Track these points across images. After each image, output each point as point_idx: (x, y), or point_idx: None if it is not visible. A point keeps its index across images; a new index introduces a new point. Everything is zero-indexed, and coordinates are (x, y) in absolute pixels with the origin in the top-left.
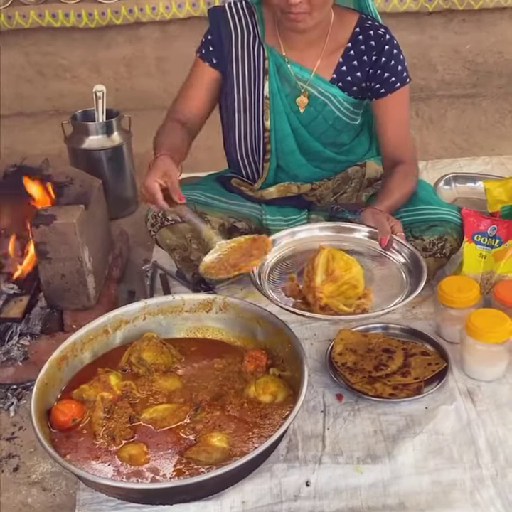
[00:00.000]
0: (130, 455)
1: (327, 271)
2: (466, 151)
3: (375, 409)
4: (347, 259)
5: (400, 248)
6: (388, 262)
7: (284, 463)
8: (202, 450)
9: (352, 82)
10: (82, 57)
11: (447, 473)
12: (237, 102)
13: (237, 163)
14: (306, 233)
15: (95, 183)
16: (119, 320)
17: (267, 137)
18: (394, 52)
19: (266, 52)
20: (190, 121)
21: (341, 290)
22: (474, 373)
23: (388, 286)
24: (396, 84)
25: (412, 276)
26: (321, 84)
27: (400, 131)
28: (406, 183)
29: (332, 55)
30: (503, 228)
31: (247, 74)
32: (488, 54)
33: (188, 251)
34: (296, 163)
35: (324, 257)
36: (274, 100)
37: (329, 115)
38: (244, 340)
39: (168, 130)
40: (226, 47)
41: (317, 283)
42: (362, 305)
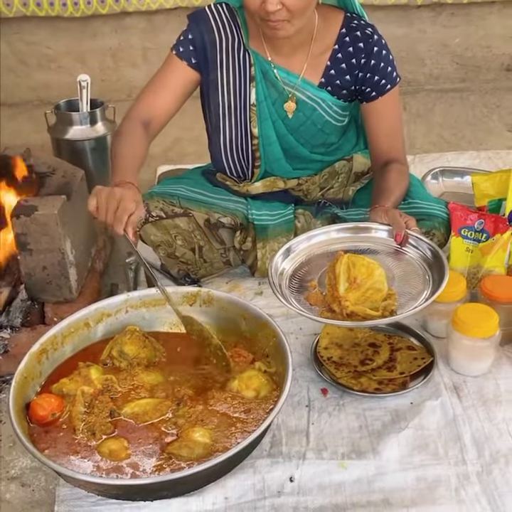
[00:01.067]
0: (110, 450)
1: (349, 278)
2: (454, 145)
3: (360, 404)
4: (368, 264)
5: (417, 243)
6: (408, 258)
7: (267, 458)
8: (184, 445)
9: (341, 85)
10: (67, 47)
11: (432, 470)
12: (222, 108)
13: (222, 166)
14: (323, 236)
15: (78, 173)
16: (101, 313)
17: (256, 144)
18: (383, 53)
19: (252, 58)
20: (155, 120)
21: (366, 296)
22: (460, 368)
23: (411, 283)
24: (387, 87)
25: (433, 271)
26: (309, 89)
27: (393, 133)
28: (402, 181)
29: (319, 58)
30: (490, 222)
31: (232, 81)
32: (477, 48)
33: (172, 247)
34: (282, 169)
35: (345, 264)
36: (260, 107)
37: (318, 119)
38: (228, 334)
39: (131, 138)
40: (210, 52)
41: (341, 292)
42: (388, 306)
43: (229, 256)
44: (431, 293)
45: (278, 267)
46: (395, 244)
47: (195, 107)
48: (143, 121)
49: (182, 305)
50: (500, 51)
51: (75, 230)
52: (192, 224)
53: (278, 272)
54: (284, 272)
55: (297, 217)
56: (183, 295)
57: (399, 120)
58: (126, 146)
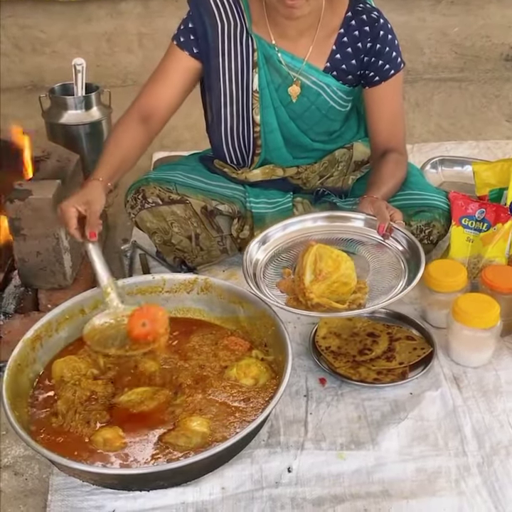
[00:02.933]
0: (105, 439)
1: (315, 270)
2: (453, 135)
3: (359, 394)
4: (335, 257)
5: (399, 237)
6: (388, 251)
7: (265, 448)
8: (181, 434)
9: (347, 70)
10: (62, 31)
11: (432, 461)
12: (224, 95)
13: (222, 153)
14: (298, 225)
15: (73, 157)
16: (96, 300)
17: (258, 132)
18: (389, 37)
19: (254, 43)
20: (157, 113)
21: (332, 289)
22: (460, 359)
23: (387, 276)
24: (390, 72)
25: (410, 266)
26: (314, 74)
27: (394, 121)
28: (398, 172)
29: (324, 43)
30: (492, 212)
31: (234, 67)
32: (476, 38)
33: (169, 234)
34: (282, 158)
35: (312, 255)
36: (262, 93)
37: (323, 105)
38: (226, 322)
39: (122, 134)
40: (211, 39)
41: (306, 283)
42: (357, 300)
43: (226, 244)
44: (403, 288)
45: (253, 255)
46: (377, 235)
47: (192, 93)
48: (144, 114)
49: (179, 292)
50: (500, 41)
51: None
52: (189, 211)
53: (253, 261)
54: (260, 260)
55: (295, 206)
56: (180, 282)
57: (400, 108)
58: (112, 144)
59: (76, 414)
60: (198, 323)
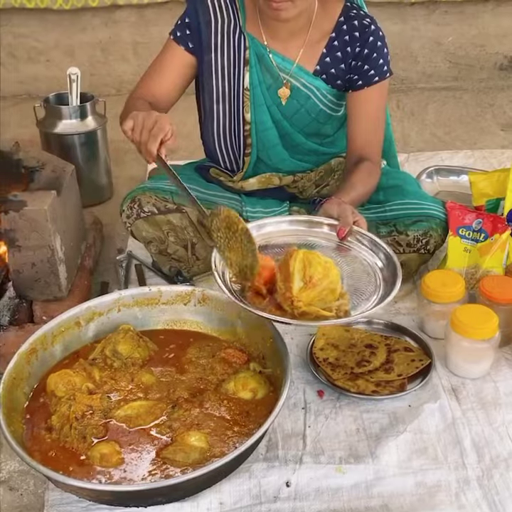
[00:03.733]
0: (101, 454)
1: (304, 277)
2: (448, 144)
3: (358, 406)
4: (324, 263)
5: (364, 241)
6: (354, 255)
7: (263, 462)
8: (179, 450)
9: (336, 74)
10: (56, 40)
11: (432, 474)
12: (216, 92)
13: (215, 155)
14: (273, 227)
15: (68, 168)
16: (92, 312)
17: (248, 130)
18: (378, 44)
19: (247, 41)
20: (159, 102)
21: (321, 296)
22: (459, 370)
23: (361, 282)
24: (374, 78)
25: (384, 271)
26: (303, 76)
27: (371, 129)
28: (369, 181)
29: (315, 46)
30: (489, 222)
31: (227, 64)
32: (470, 47)
33: (165, 244)
34: (279, 156)
35: (300, 261)
36: (254, 92)
37: (312, 108)
38: (223, 334)
39: (141, 105)
40: (205, 34)
41: (295, 291)
42: (342, 306)
43: None
44: (384, 292)
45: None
46: (336, 239)
47: (187, 102)
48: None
49: (176, 304)
50: (494, 50)
51: (65, 227)
52: (185, 220)
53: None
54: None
55: (292, 215)
56: (177, 294)
57: (380, 117)
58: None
59: (71, 430)
60: (195, 336)
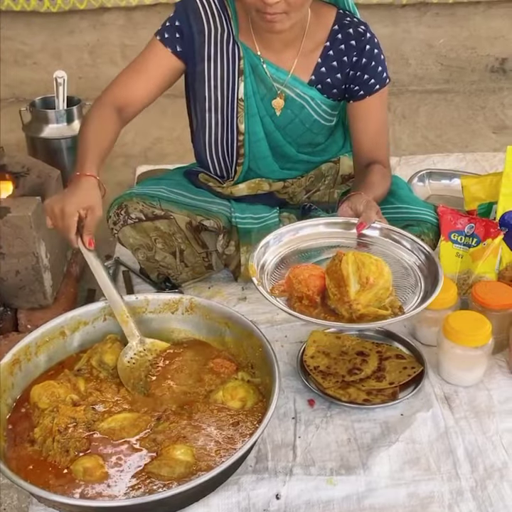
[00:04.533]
0: (85, 468)
1: (360, 279)
2: (439, 147)
3: (349, 415)
4: (376, 262)
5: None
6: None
7: (252, 474)
8: (164, 464)
9: (332, 84)
10: (43, 43)
11: (425, 485)
12: (209, 102)
13: (206, 163)
14: (310, 229)
15: (53, 173)
16: (77, 321)
17: (241, 141)
18: (375, 52)
19: (241, 51)
20: (129, 107)
21: (378, 296)
22: (451, 378)
23: (401, 277)
24: (376, 87)
25: (419, 263)
26: (298, 86)
27: (378, 136)
28: (384, 183)
29: (310, 55)
30: (481, 227)
31: (220, 74)
32: (461, 49)
33: (152, 251)
34: (268, 167)
35: (353, 263)
36: (248, 102)
37: (307, 118)
38: (212, 343)
39: (99, 123)
40: (198, 43)
41: (352, 295)
42: (394, 303)
43: (211, 260)
44: (426, 284)
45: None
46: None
47: (176, 106)
48: (118, 105)
49: (163, 312)
50: (485, 52)
51: (50, 233)
52: (173, 227)
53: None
54: (266, 264)
55: (282, 221)
56: (164, 302)
57: (384, 122)
58: (93, 134)
59: (54, 443)
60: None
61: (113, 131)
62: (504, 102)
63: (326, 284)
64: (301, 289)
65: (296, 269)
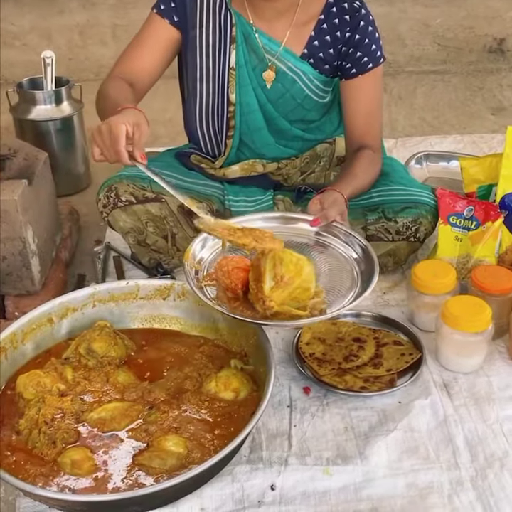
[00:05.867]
0: (72, 461)
1: (275, 277)
2: (437, 129)
3: (345, 403)
4: (296, 261)
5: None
6: (332, 252)
7: (246, 465)
8: (155, 456)
9: (324, 59)
10: (33, 23)
11: (423, 475)
12: (200, 70)
13: (196, 137)
14: (248, 225)
15: (41, 156)
16: (66, 307)
17: (232, 112)
18: (369, 29)
19: (233, 18)
20: (138, 82)
21: (293, 296)
22: (450, 364)
23: (340, 279)
24: (368, 65)
25: (361, 266)
26: (290, 59)
27: (370, 117)
28: (371, 170)
29: (303, 28)
30: (481, 209)
31: (212, 41)
32: (459, 29)
33: (143, 234)
34: (263, 141)
35: (271, 260)
36: (240, 72)
37: (298, 93)
38: (204, 331)
39: (118, 88)
40: (190, 9)
41: (266, 291)
42: (317, 305)
43: None
44: (361, 288)
45: (196, 254)
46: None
47: (168, 87)
48: (127, 80)
49: (154, 298)
50: (483, 32)
51: (38, 217)
52: (164, 210)
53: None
54: (203, 260)
55: (276, 204)
56: (155, 288)
57: (378, 104)
58: (115, 92)
59: (41, 434)
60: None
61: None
62: (502, 83)
63: (250, 276)
64: (224, 281)
65: (223, 260)
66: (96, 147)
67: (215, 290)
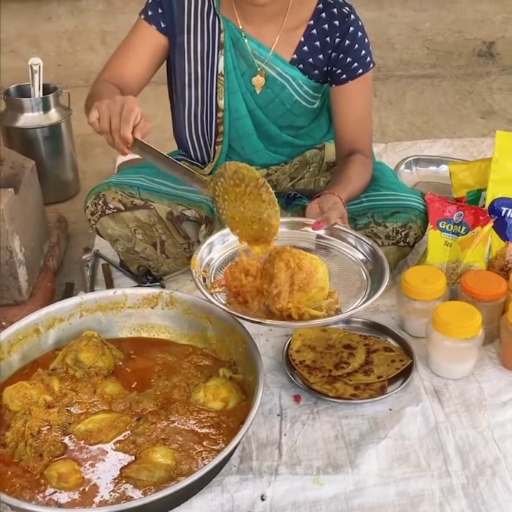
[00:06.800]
0: (59, 474)
1: (291, 278)
2: (426, 133)
3: (336, 411)
4: (310, 260)
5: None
6: (338, 254)
7: (236, 475)
8: (143, 468)
9: (313, 64)
10: (21, 30)
11: (414, 483)
12: (188, 76)
13: (185, 143)
14: None
15: (28, 164)
16: (52, 317)
17: (220, 118)
18: (358, 35)
19: (222, 23)
20: (126, 88)
21: (310, 296)
22: (441, 371)
23: (349, 280)
24: (358, 71)
25: (370, 267)
26: (279, 64)
27: (360, 123)
28: (364, 174)
29: (293, 33)
30: (470, 214)
31: (200, 46)
32: (448, 33)
33: (132, 242)
34: (252, 147)
35: (285, 261)
36: (228, 78)
37: (287, 99)
38: (193, 340)
39: (108, 88)
40: (177, 14)
41: (283, 293)
42: (332, 305)
43: (193, 251)
44: (372, 289)
45: (203, 260)
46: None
47: (157, 93)
48: (116, 85)
49: (142, 307)
50: (472, 36)
51: (25, 226)
52: (153, 217)
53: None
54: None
55: None
56: (143, 297)
57: (368, 110)
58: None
59: (27, 447)
60: (164, 342)
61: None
62: (492, 87)
63: (261, 281)
64: (235, 286)
65: (233, 266)
66: (96, 111)
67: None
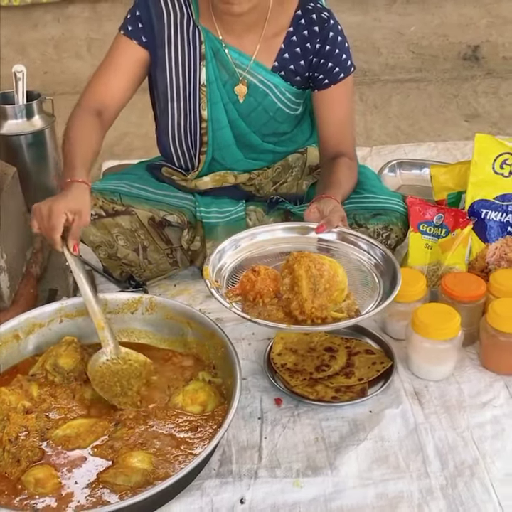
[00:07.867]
0: (36, 479)
1: (314, 282)
2: (411, 136)
3: (317, 414)
4: (330, 264)
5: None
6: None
7: (216, 479)
8: (120, 472)
9: (295, 71)
10: (7, 37)
11: (393, 485)
12: (170, 89)
13: (170, 154)
14: (268, 235)
15: (9, 170)
16: (32, 323)
17: (204, 128)
18: (338, 39)
19: (202, 35)
20: (109, 107)
21: (332, 298)
22: (421, 372)
23: (360, 281)
24: (340, 75)
25: (380, 267)
26: (261, 72)
27: (343, 126)
28: (352, 176)
29: (273, 40)
30: (450, 217)
31: (181, 59)
32: (433, 37)
33: (114, 248)
34: (233, 157)
35: (306, 265)
36: (211, 88)
37: (270, 106)
38: (173, 344)
39: (82, 131)
40: (157, 28)
41: (305, 297)
42: (351, 306)
43: (176, 256)
44: (386, 289)
45: (214, 269)
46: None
47: (144, 101)
48: (96, 109)
49: (122, 312)
50: (457, 40)
51: (6, 233)
52: (135, 223)
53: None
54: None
55: (248, 215)
56: (123, 302)
57: (350, 113)
58: (77, 141)
59: (5, 453)
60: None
61: (96, 141)
62: (477, 90)
63: (280, 286)
64: (252, 293)
65: (249, 273)
66: (35, 221)
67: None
